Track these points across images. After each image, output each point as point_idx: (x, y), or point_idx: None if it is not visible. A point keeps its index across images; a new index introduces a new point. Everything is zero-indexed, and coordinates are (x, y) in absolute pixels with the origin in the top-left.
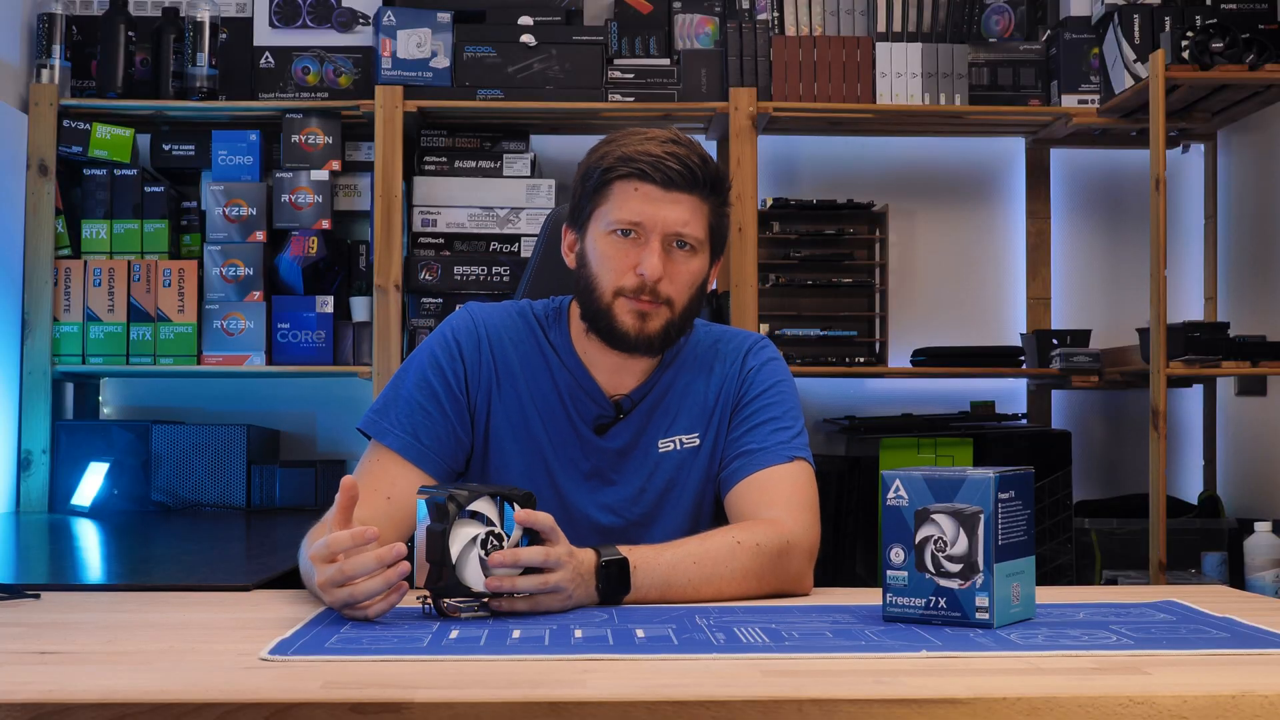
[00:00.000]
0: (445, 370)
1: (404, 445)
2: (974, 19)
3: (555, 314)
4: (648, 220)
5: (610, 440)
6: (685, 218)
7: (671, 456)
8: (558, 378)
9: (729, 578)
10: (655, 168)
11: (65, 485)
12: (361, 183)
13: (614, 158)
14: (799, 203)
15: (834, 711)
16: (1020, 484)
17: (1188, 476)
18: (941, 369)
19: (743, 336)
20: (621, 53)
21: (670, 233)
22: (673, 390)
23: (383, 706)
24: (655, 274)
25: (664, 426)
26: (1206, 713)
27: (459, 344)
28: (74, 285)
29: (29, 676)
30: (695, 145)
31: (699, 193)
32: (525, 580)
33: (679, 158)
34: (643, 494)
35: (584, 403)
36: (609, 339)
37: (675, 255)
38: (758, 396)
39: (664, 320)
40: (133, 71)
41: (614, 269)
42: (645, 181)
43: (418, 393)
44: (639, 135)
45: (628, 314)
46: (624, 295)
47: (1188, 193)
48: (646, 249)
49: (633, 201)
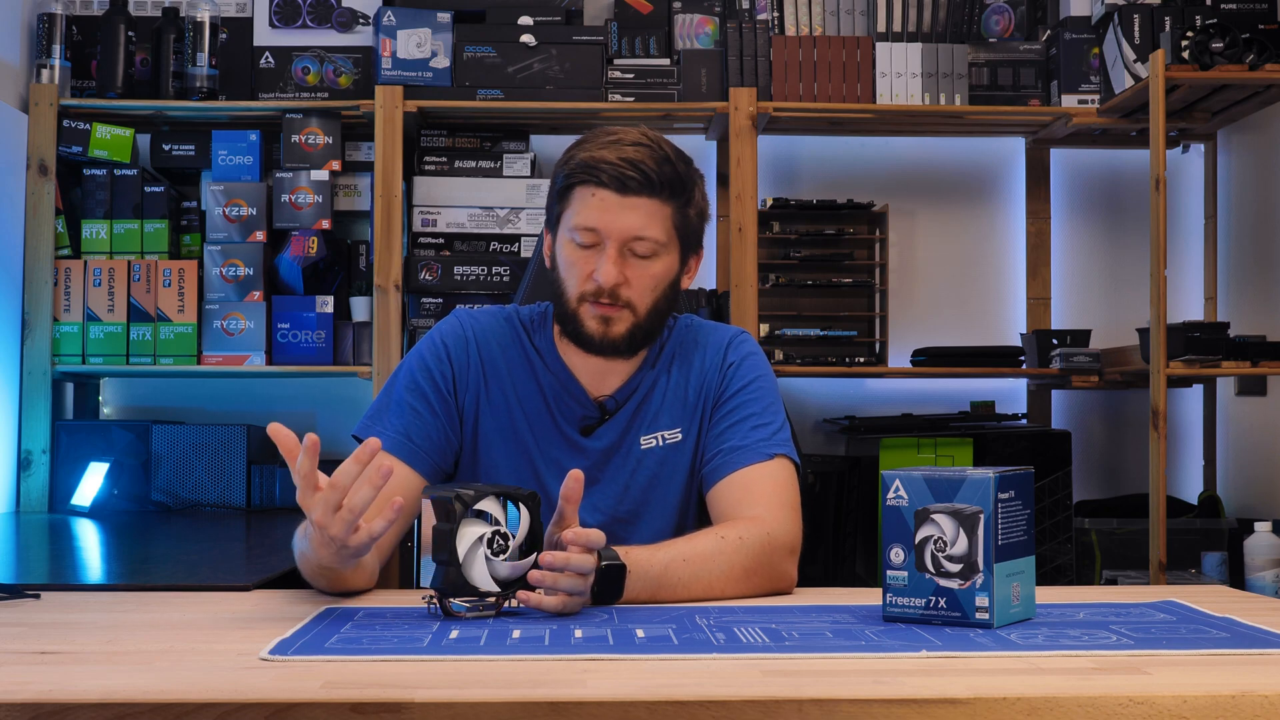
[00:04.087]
0: (434, 373)
1: (396, 444)
2: (974, 19)
3: (540, 319)
4: (603, 228)
5: (596, 440)
6: (641, 223)
7: (654, 453)
8: (543, 381)
9: (716, 574)
10: (610, 174)
11: (65, 485)
12: (361, 183)
13: (574, 164)
14: (799, 203)
15: (834, 711)
16: (1020, 484)
17: (1188, 476)
18: (941, 369)
19: (723, 331)
20: (621, 53)
21: (626, 239)
22: (655, 388)
23: (383, 706)
24: (610, 281)
25: (646, 424)
26: (1206, 713)
27: (447, 347)
28: (74, 285)
29: (29, 676)
30: (659, 145)
31: (658, 196)
32: (567, 580)
33: (634, 163)
34: (627, 491)
35: (569, 405)
36: (577, 342)
37: (634, 260)
38: (738, 392)
39: (628, 324)
40: (133, 71)
41: (576, 275)
42: (601, 188)
43: (408, 395)
44: (603, 139)
45: (591, 319)
46: (587, 300)
47: (1188, 193)
48: (603, 256)
49: (590, 209)
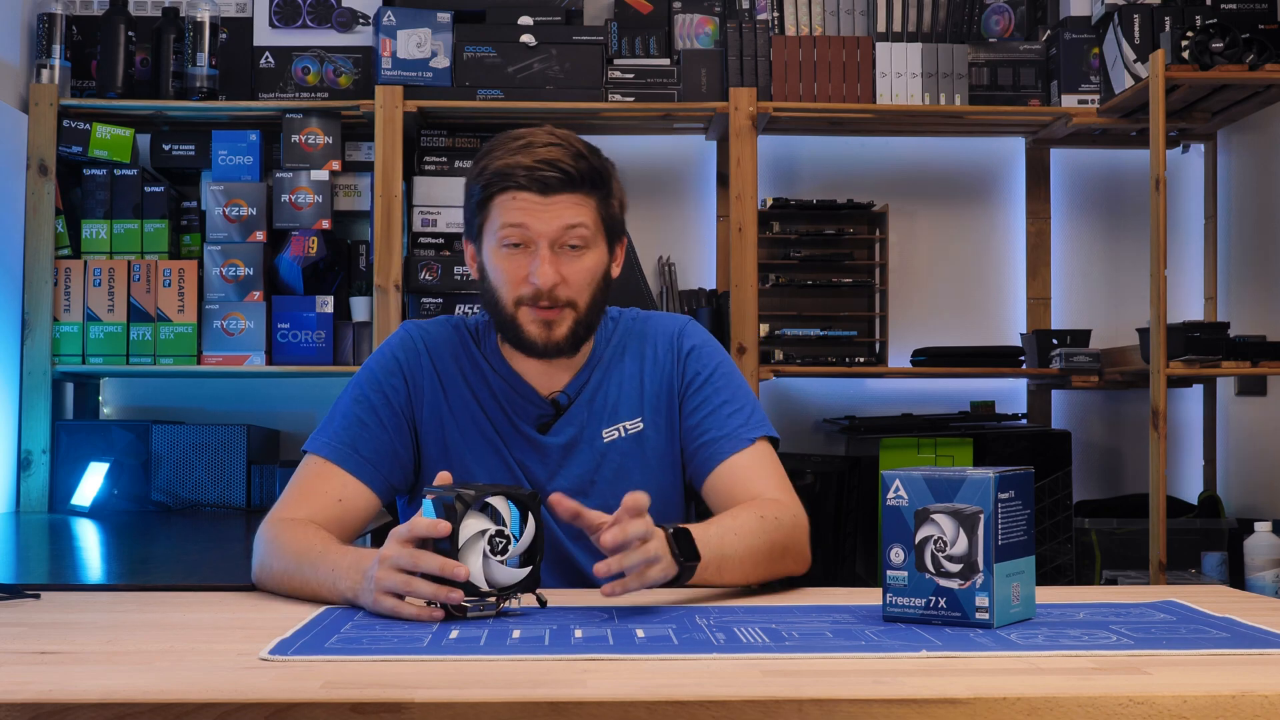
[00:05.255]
0: (384, 386)
1: (342, 456)
2: (974, 19)
3: (486, 325)
4: (532, 230)
5: (555, 437)
6: (569, 220)
7: (618, 445)
8: (494, 386)
9: (762, 551)
10: (530, 177)
11: (65, 485)
12: (361, 183)
13: (490, 173)
14: (799, 203)
15: (834, 711)
16: (1020, 484)
17: (1188, 476)
18: (941, 369)
19: (670, 319)
20: (621, 53)
21: (556, 237)
22: (608, 379)
23: (383, 706)
24: (548, 282)
25: (605, 416)
26: (1206, 713)
27: (399, 360)
28: (74, 285)
29: (29, 676)
30: (570, 142)
31: (580, 190)
32: (632, 556)
33: (551, 162)
34: (593, 485)
35: (522, 405)
36: (520, 348)
37: (566, 256)
38: (705, 382)
39: (570, 322)
40: (133, 71)
41: (509, 281)
42: (521, 191)
43: (356, 407)
44: (512, 144)
45: (532, 323)
46: (525, 304)
47: (1188, 193)
48: (536, 258)
49: (514, 214)
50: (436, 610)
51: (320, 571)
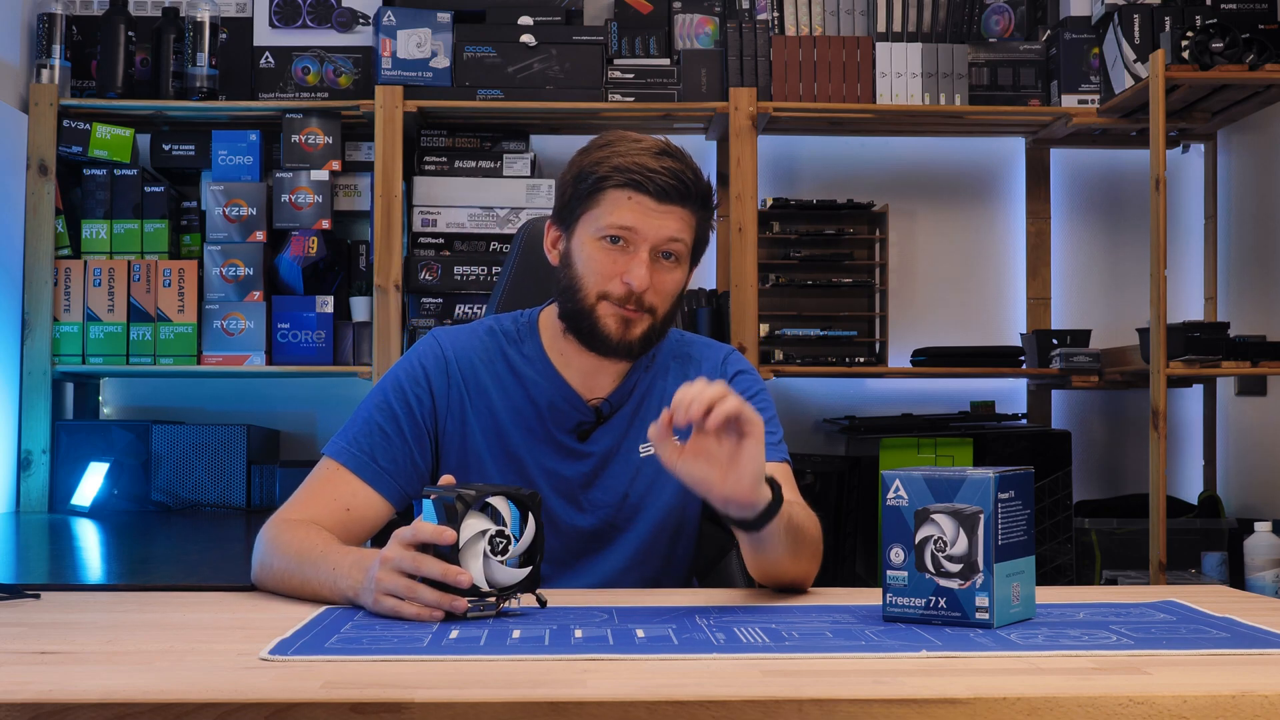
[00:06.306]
0: (409, 396)
1: (360, 464)
2: (974, 19)
3: (527, 327)
4: (640, 231)
5: (593, 445)
6: (675, 230)
7: (652, 460)
8: (533, 391)
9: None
10: (651, 180)
11: (65, 485)
12: (361, 183)
13: (610, 165)
14: (799, 203)
15: (834, 711)
16: (1020, 484)
17: (1188, 476)
18: (941, 369)
19: (717, 346)
20: (621, 53)
21: (660, 245)
22: (651, 395)
23: (383, 706)
24: (643, 285)
25: (645, 432)
26: (1206, 713)
27: (425, 370)
28: (74, 285)
29: (29, 676)
30: (687, 157)
31: (690, 206)
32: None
33: (673, 171)
34: (626, 499)
35: (563, 411)
36: (589, 341)
37: (661, 265)
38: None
39: (646, 327)
40: (133, 71)
41: (600, 274)
42: (639, 192)
43: (378, 415)
44: (633, 143)
45: (611, 318)
46: (608, 300)
47: (1188, 193)
48: (635, 259)
49: (626, 211)
50: (437, 610)
51: (321, 571)
